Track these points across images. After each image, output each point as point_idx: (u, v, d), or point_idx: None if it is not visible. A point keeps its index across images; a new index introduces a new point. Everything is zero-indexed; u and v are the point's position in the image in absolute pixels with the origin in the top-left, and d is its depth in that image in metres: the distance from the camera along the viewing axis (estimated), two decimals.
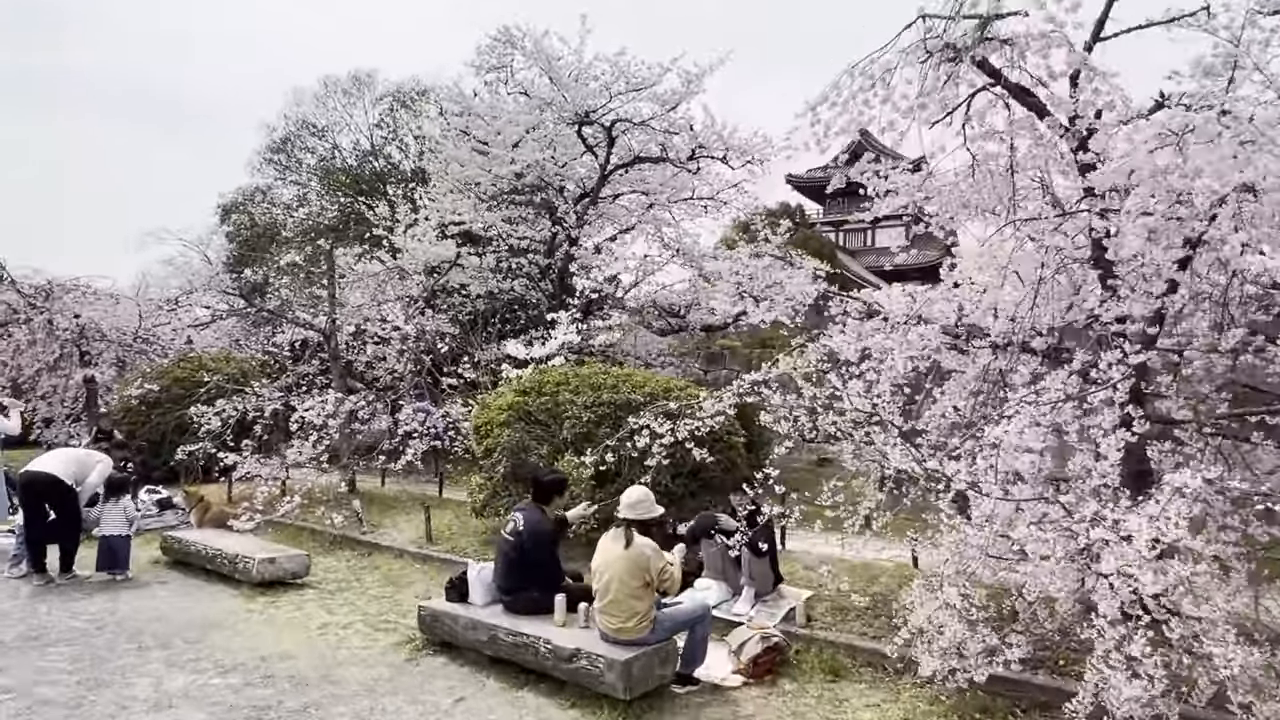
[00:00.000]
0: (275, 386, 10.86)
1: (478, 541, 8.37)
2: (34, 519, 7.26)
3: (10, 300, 14.48)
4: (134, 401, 11.49)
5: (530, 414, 7.90)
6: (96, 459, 7.63)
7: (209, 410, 10.37)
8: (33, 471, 7.18)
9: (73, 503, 7.29)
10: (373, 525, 9.16)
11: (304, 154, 23.84)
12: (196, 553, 7.57)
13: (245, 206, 23.54)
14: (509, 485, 7.81)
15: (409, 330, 11.08)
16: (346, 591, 7.12)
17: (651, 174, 16.41)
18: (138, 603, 6.65)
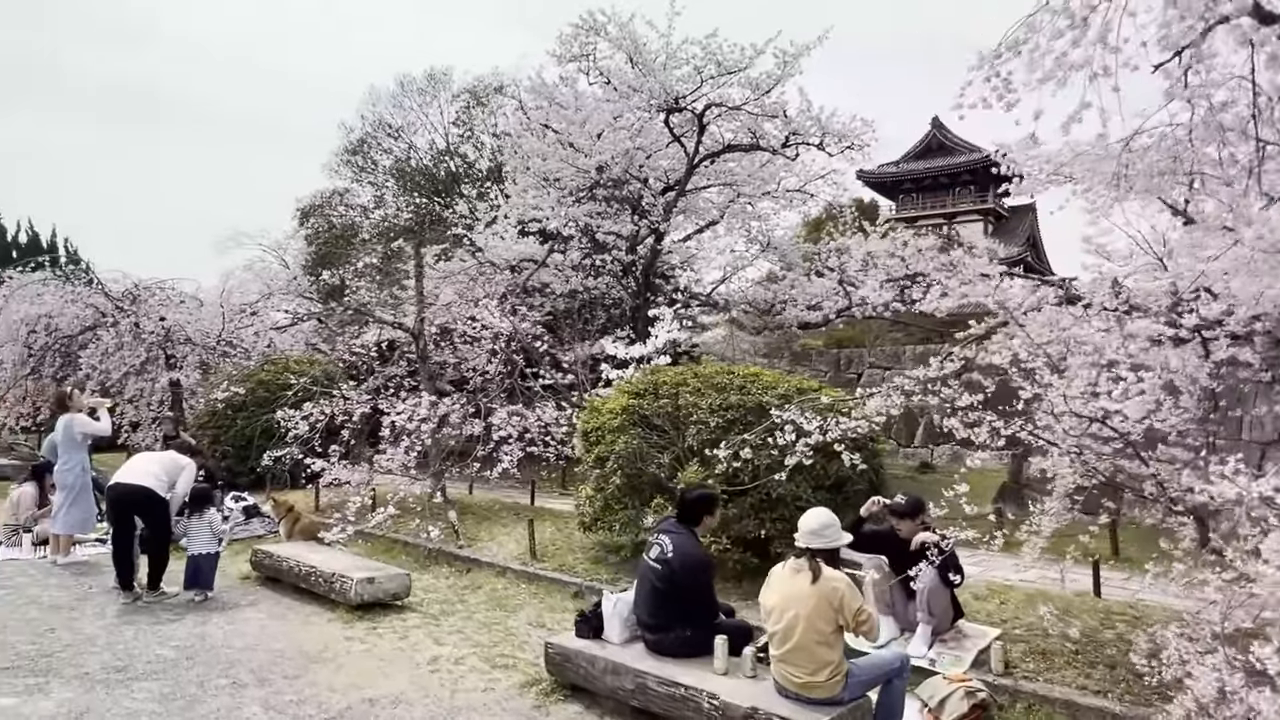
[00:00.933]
0: (363, 389, 10.31)
1: (586, 558, 7.60)
2: (122, 533, 6.76)
3: (98, 304, 14.37)
4: (219, 405, 11.06)
5: (646, 418, 7.09)
6: (183, 462, 7.10)
7: (295, 414, 9.86)
8: (122, 484, 6.68)
9: (163, 514, 6.77)
10: (469, 539, 8.47)
11: (380, 155, 23.65)
12: (289, 570, 6.97)
13: (323, 209, 23.45)
14: (625, 498, 7.00)
15: (503, 328, 10.40)
16: (451, 616, 6.41)
17: (738, 165, 15.52)
18: (229, 627, 6.05)
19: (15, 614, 6.26)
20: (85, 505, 8.29)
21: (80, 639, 5.68)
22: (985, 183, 44.15)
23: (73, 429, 8.23)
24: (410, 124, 23.43)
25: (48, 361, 14.37)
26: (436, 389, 10.55)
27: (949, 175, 48.13)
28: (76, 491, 8.15)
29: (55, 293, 13.80)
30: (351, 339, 14.65)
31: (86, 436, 8.29)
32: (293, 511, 8.37)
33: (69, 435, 8.24)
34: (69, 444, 8.23)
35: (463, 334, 11.09)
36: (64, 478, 8.20)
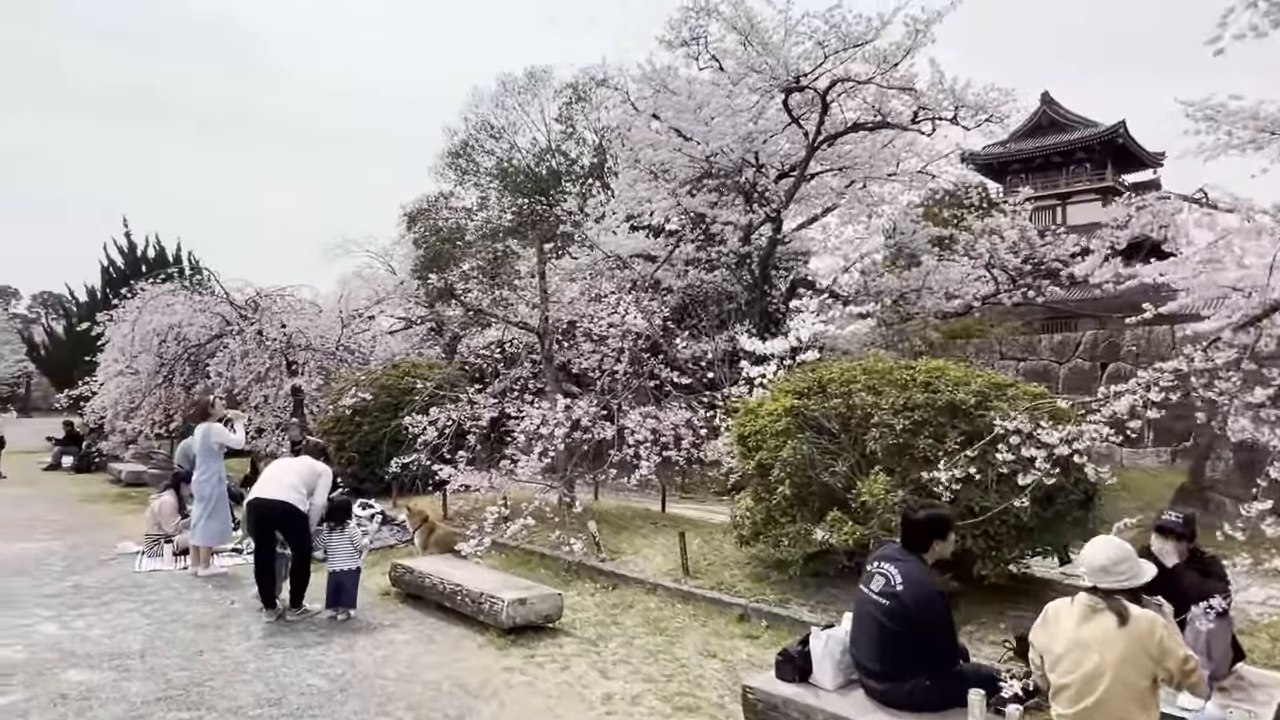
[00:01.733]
0: (489, 393, 9.93)
1: (744, 575, 6.90)
2: (263, 549, 6.47)
3: (224, 312, 14.59)
4: (346, 411, 10.87)
5: (813, 421, 6.33)
6: (319, 469, 6.77)
7: (423, 420, 9.54)
8: (262, 498, 6.38)
9: (303, 529, 6.45)
10: (610, 551, 7.90)
11: (483, 156, 23.59)
12: (431, 587, 6.53)
13: (429, 213, 23.57)
14: (793, 510, 6.27)
15: (637, 324, 9.81)
16: (609, 641, 5.82)
17: (857, 147, 14.54)
18: (378, 653, 5.63)
19: (163, 633, 6.03)
20: (222, 516, 8.16)
21: (229, 664, 5.35)
22: (1103, 159, 41.13)
23: (210, 437, 8.09)
24: (512, 124, 23.32)
25: (178, 370, 14.69)
26: (563, 390, 10.06)
27: (1062, 153, 45.12)
28: (214, 502, 8.01)
29: (185, 303, 14.05)
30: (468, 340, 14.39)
31: (222, 445, 8.15)
32: (428, 522, 7.99)
33: (206, 444, 8.11)
34: (206, 453, 8.10)
35: (586, 332, 10.58)
36: (201, 488, 8.07)
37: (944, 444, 5.65)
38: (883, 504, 5.58)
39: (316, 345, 14.64)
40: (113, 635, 5.96)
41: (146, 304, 14.02)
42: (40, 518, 11.57)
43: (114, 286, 27.50)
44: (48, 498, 13.88)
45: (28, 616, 6.42)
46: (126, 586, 7.49)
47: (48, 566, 8.34)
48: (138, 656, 5.47)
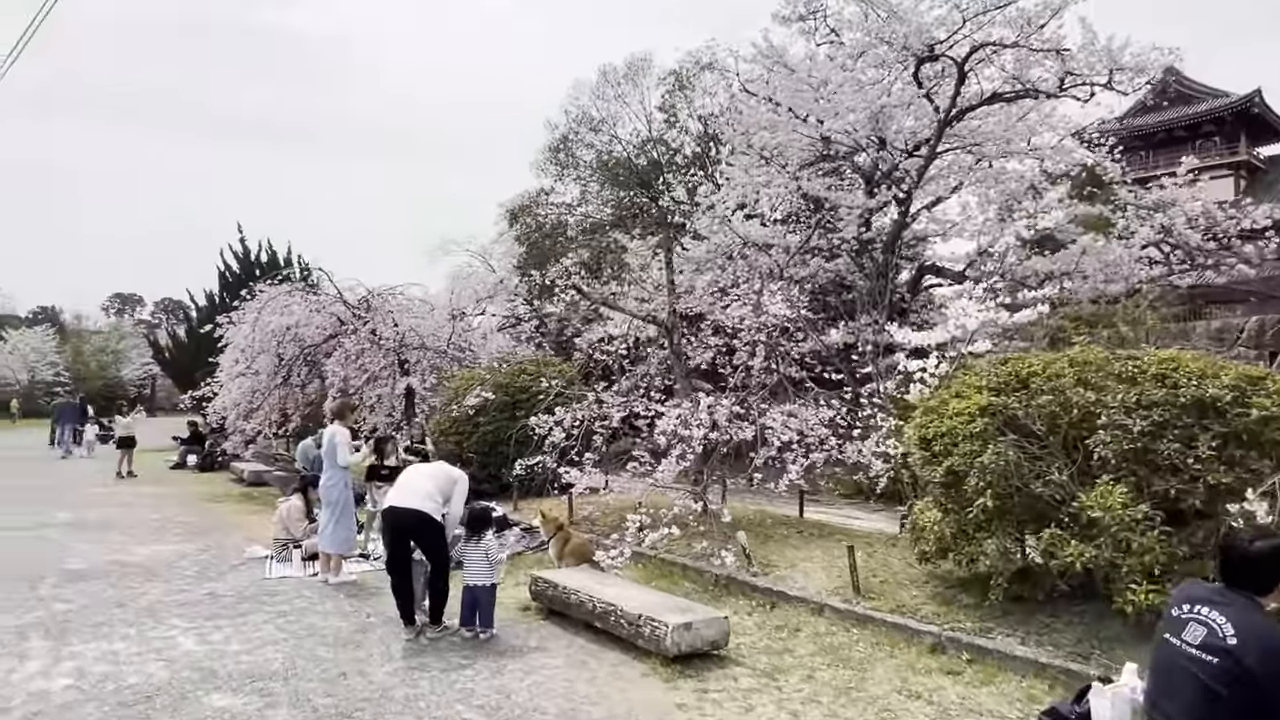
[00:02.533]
0: (615, 391, 9.36)
1: (926, 596, 6.07)
2: (399, 561, 6.04)
3: (339, 312, 14.56)
4: (469, 410, 10.47)
5: (1016, 420, 5.45)
6: (455, 475, 6.32)
7: (549, 419, 9.04)
8: (397, 507, 5.95)
9: (439, 540, 5.99)
10: (762, 564, 7.19)
11: (583, 150, 23.20)
12: (579, 605, 5.97)
13: (530, 209, 23.33)
14: (993, 523, 5.41)
15: (778, 314, 9.05)
16: (788, 674, 5.11)
17: (988, 121, 13.36)
18: (529, 680, 5.09)
19: (302, 650, 5.66)
20: (349, 522, 7.86)
21: (375, 691, 4.90)
22: (1235, 132, 37.70)
23: (334, 440, 7.78)
24: (612, 115, 22.83)
25: (295, 370, 14.75)
26: (691, 386, 9.41)
27: (1187, 127, 41.68)
28: (340, 507, 7.70)
29: (301, 303, 14.06)
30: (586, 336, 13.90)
31: (341, 451, 7.82)
32: (563, 530, 7.46)
33: (331, 447, 7.80)
34: (332, 456, 7.79)
35: (716, 325, 9.88)
36: (328, 493, 7.77)
37: (1195, 448, 4.70)
38: (1119, 520, 4.68)
39: (429, 344, 14.44)
40: (251, 651, 5.63)
41: (265, 305, 14.10)
42: (171, 518, 11.69)
43: (230, 290, 28.48)
44: (177, 497, 14.14)
45: (167, 628, 6.18)
46: (259, 595, 7.24)
47: (181, 570, 8.22)
48: (279, 678, 5.09)
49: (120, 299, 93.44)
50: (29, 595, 7.16)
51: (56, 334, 58.38)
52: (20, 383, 48.92)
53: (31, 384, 49.04)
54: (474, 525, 6.09)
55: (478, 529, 6.06)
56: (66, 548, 9.43)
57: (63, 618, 6.44)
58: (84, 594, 7.21)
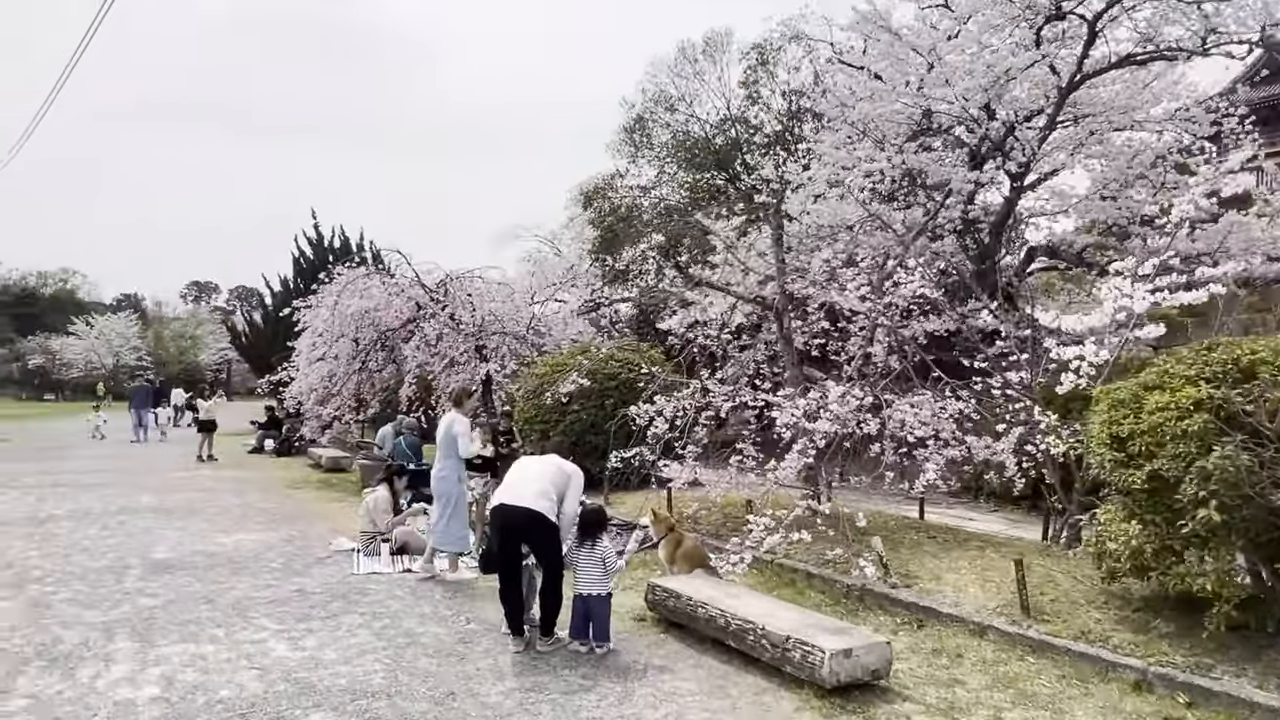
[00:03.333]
0: (718, 379, 8.61)
1: (1113, 621, 5.20)
2: (511, 564, 5.43)
3: (417, 296, 14.15)
4: (563, 398, 9.83)
5: (1238, 418, 4.54)
6: (568, 470, 5.69)
7: (648, 409, 8.36)
8: (507, 505, 5.35)
9: (553, 542, 5.37)
10: (901, 575, 6.39)
11: (659, 130, 22.45)
12: (708, 620, 5.28)
13: (605, 191, 22.72)
14: (1214, 540, 4.53)
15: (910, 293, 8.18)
16: (968, 714, 4.33)
17: (1105, 90, 12.18)
18: (662, 709, 4.42)
19: (403, 662, 5.11)
20: (463, 518, 7.38)
21: (490, 716, 4.30)
22: None
23: (453, 429, 7.24)
24: (690, 93, 21.99)
25: (372, 355, 14.42)
26: (802, 376, 8.61)
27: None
28: (454, 502, 7.22)
29: (381, 286, 13.68)
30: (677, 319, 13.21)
31: (461, 441, 7.28)
32: (675, 531, 6.77)
33: (448, 436, 7.27)
34: (448, 445, 7.28)
35: (829, 308, 9.06)
36: (442, 485, 7.27)
37: None
38: None
39: (510, 328, 13.93)
40: (349, 661, 5.10)
41: (344, 288, 13.76)
42: (253, 505, 11.43)
43: (304, 276, 28.67)
44: (257, 482, 13.97)
45: (257, 630, 5.71)
46: (350, 594, 6.76)
47: (267, 563, 7.83)
48: (383, 696, 4.53)
49: (197, 286, 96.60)
50: (115, 588, 6.82)
51: (139, 320, 60.47)
52: (106, 366, 50.71)
53: (116, 368, 50.79)
54: (587, 528, 5.45)
55: (591, 532, 5.42)
56: (151, 535, 9.17)
57: (149, 614, 6.05)
58: (170, 587, 6.83)
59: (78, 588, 6.82)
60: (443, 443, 7.30)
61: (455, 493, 7.18)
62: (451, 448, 7.22)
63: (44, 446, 20.42)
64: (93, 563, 7.74)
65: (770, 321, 8.88)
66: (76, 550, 8.32)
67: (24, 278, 65.57)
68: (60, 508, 11.01)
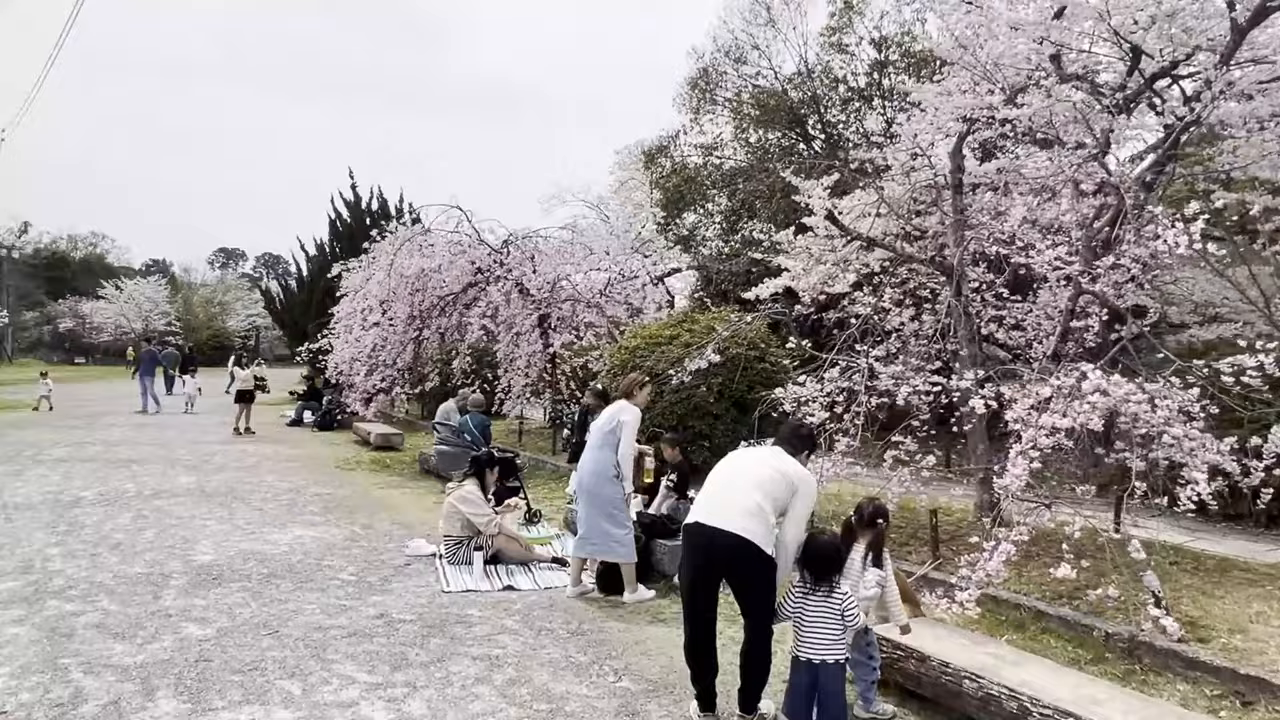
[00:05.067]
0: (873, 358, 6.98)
1: None
2: (702, 606, 3.91)
3: (478, 258, 12.62)
4: (685, 379, 8.17)
5: None
6: (795, 475, 3.96)
7: (797, 391, 6.76)
8: (707, 526, 3.81)
9: (768, 582, 3.83)
10: (1184, 622, 4.81)
11: (731, 80, 20.63)
12: (981, 700, 3.73)
13: (668, 150, 21.00)
14: None
15: (1139, 255, 6.53)
16: None
17: None
18: None
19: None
20: (627, 521, 5.91)
21: None
22: None
23: (620, 418, 5.86)
24: (764, 42, 20.10)
25: (431, 321, 12.95)
26: (985, 357, 7.00)
27: None
28: (615, 505, 5.76)
29: (445, 243, 12.15)
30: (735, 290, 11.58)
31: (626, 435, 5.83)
32: None
33: (609, 427, 5.89)
34: (606, 437, 5.86)
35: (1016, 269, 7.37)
36: (592, 480, 5.83)
37: None
38: None
39: (583, 294, 12.38)
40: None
41: (400, 246, 12.24)
42: (303, 490, 10.04)
43: (340, 239, 27.28)
44: (303, 461, 12.62)
45: (342, 682, 4.26)
46: (448, 623, 5.30)
47: (334, 572, 6.40)
48: None
49: (224, 253, 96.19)
50: (153, 607, 5.41)
51: (168, 285, 59.73)
52: (135, 331, 49.99)
53: (146, 332, 50.03)
54: (820, 565, 3.86)
55: (825, 572, 3.84)
56: (192, 527, 7.79)
57: (198, 652, 4.62)
58: (221, 608, 5.41)
59: (107, 605, 5.42)
60: (600, 433, 5.91)
61: (611, 491, 5.75)
62: (609, 440, 5.81)
63: (75, 414, 19.26)
64: (126, 567, 6.35)
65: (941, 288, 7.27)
66: (106, 547, 6.95)
67: (54, 241, 65.11)
68: (88, 488, 9.69)
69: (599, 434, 5.90)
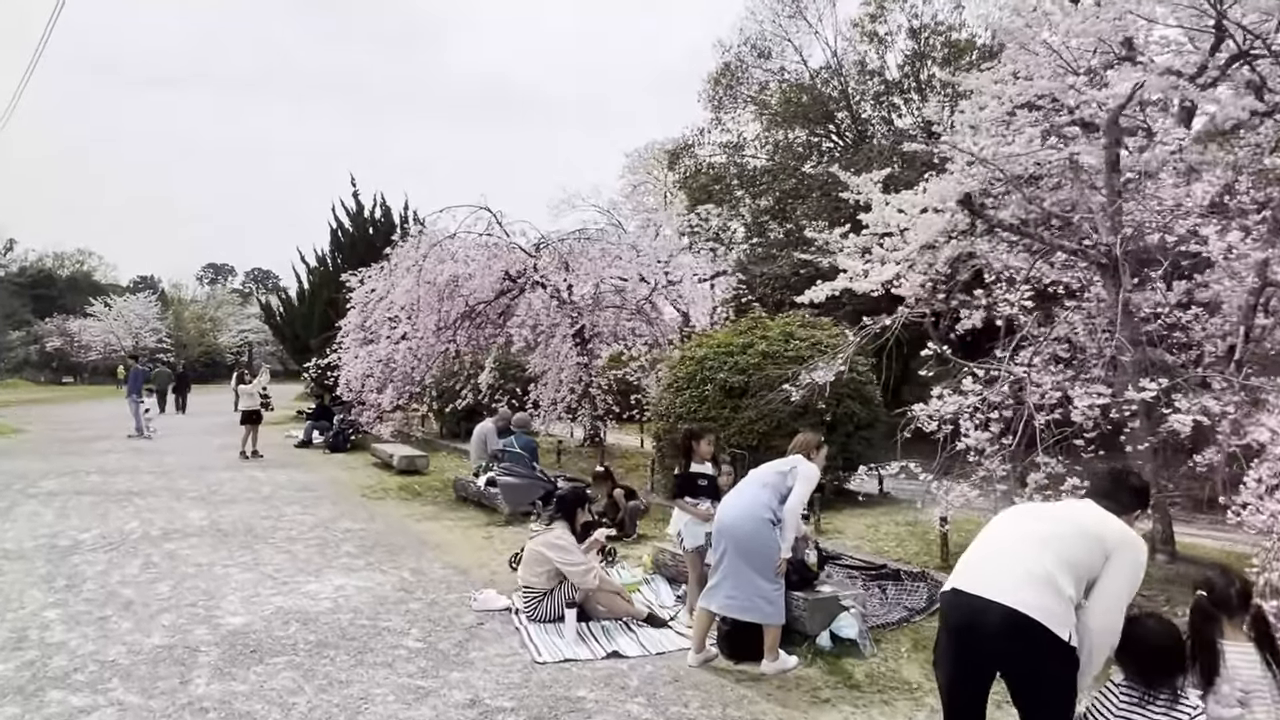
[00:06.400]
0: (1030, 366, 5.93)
1: None
2: (965, 703, 2.84)
3: (511, 264, 11.53)
4: (793, 392, 7.03)
5: None
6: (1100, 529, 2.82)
7: (948, 401, 5.70)
8: (975, 598, 2.73)
9: (1063, 681, 2.73)
10: None
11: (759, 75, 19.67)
12: None
13: (693, 148, 20.00)
14: None
15: None
16: None
17: None
18: None
19: None
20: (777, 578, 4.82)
21: None
22: None
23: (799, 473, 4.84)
24: (793, 34, 19.17)
25: (460, 333, 11.85)
26: (1150, 362, 5.96)
27: None
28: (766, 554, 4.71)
29: (480, 248, 11.05)
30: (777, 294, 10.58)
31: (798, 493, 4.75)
32: None
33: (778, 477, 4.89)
34: (773, 478, 4.88)
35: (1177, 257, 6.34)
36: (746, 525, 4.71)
37: None
38: None
39: (627, 299, 11.30)
40: None
41: (427, 253, 11.11)
42: (331, 524, 8.91)
43: (342, 249, 26.14)
44: (323, 489, 11.47)
45: None
46: (559, 712, 4.19)
47: (397, 636, 5.28)
48: None
49: (213, 269, 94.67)
50: (182, 697, 4.28)
51: (158, 301, 58.35)
52: (125, 349, 48.63)
53: (136, 350, 48.66)
54: (1154, 661, 2.74)
55: (1163, 670, 2.73)
56: (213, 576, 6.66)
57: None
58: (269, 697, 4.28)
59: (123, 696, 4.29)
60: (770, 471, 4.90)
61: (768, 539, 4.67)
62: (778, 482, 4.81)
63: (66, 438, 18.03)
64: (142, 636, 5.22)
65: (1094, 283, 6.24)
66: (115, 607, 5.82)
67: (40, 259, 63.66)
68: (87, 528, 8.54)
69: (768, 472, 4.87)
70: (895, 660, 4.90)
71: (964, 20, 17.61)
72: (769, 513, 4.67)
